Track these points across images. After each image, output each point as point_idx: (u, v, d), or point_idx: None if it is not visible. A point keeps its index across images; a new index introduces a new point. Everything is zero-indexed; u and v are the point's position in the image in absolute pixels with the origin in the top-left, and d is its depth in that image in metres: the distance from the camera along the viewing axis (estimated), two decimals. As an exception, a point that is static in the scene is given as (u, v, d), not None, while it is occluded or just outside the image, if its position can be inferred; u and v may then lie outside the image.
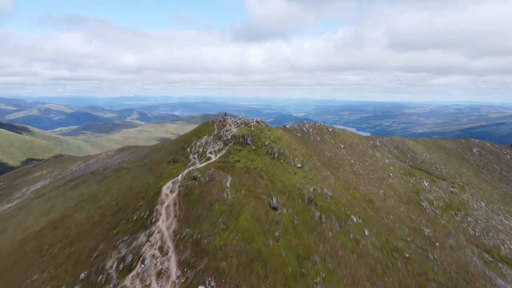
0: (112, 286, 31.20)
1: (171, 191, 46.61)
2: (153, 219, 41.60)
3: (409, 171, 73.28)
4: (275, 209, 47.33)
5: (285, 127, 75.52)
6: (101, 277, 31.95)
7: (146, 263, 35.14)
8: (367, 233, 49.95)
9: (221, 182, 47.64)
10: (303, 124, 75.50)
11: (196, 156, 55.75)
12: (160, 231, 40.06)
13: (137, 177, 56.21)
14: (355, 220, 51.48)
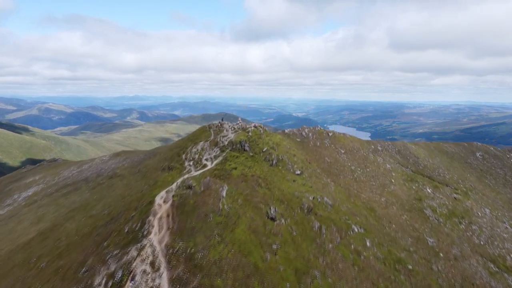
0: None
1: (164, 201, 44.91)
2: (145, 232, 39.88)
3: (412, 177, 71.60)
4: (273, 220, 45.67)
5: (284, 132, 73.85)
6: (87, 297, 30.27)
7: (136, 280, 33.42)
8: (368, 244, 48.28)
9: (217, 191, 45.92)
10: (303, 128, 73.82)
11: (191, 163, 54.07)
12: (152, 245, 38.31)
13: (131, 184, 54.55)
14: (356, 230, 49.83)
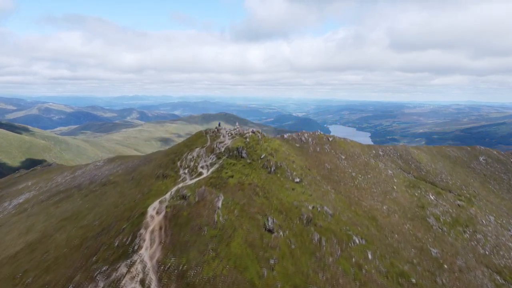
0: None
1: (157, 213, 43.09)
2: (136, 246, 38.04)
3: (414, 183, 69.84)
4: (270, 232, 43.87)
5: (282, 136, 72.04)
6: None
7: (124, 301, 31.55)
8: (370, 257, 46.46)
9: (212, 201, 44.11)
10: (302, 133, 72.01)
11: (186, 171, 52.27)
12: (142, 261, 36.48)
13: (124, 193, 52.76)
14: (357, 241, 48.00)
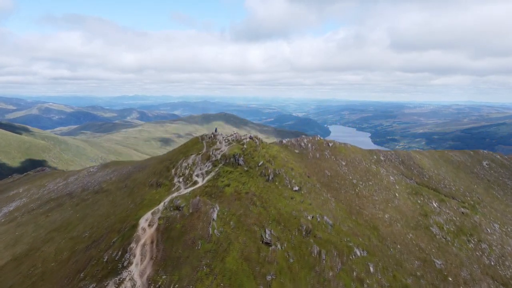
0: None
1: (149, 225, 41.20)
2: (126, 262, 36.12)
3: (416, 190, 68.00)
4: (268, 244, 42.04)
5: (281, 142, 70.17)
6: None
7: (111, 324, 29.61)
8: (372, 270, 44.63)
9: (207, 213, 42.19)
10: (301, 139, 70.17)
11: (181, 179, 50.42)
12: (132, 279, 34.58)
13: (116, 202, 50.92)
14: (358, 253, 46.16)
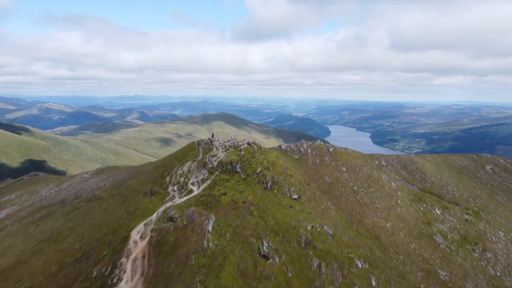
0: None
1: (141, 237, 39.45)
2: (115, 279, 34.37)
3: (419, 196, 66.19)
4: (265, 257, 40.29)
5: (280, 147, 68.33)
6: None
7: None
8: (374, 283, 42.85)
9: (202, 225, 40.43)
10: (301, 144, 68.33)
11: (176, 187, 48.65)
12: (121, 297, 32.74)
13: (109, 210, 49.14)
14: (360, 265, 44.37)
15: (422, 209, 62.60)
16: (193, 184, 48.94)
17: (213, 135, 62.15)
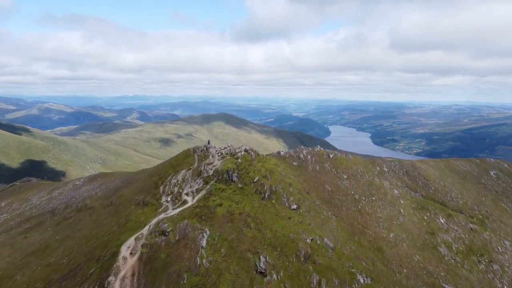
0: None
1: (131, 253, 37.32)
2: (102, 300, 32.13)
3: (422, 204, 64.15)
4: (262, 274, 38.25)
5: (279, 154, 66.22)
6: None
7: None
8: (377, 300, 40.65)
9: (195, 240, 38.34)
10: (300, 150, 66.24)
11: (169, 198, 46.61)
12: (107, 322, 30.64)
13: (99, 222, 47.09)
14: (362, 280, 42.34)
15: (425, 218, 60.59)
16: (187, 194, 46.89)
17: (209, 142, 60.03)
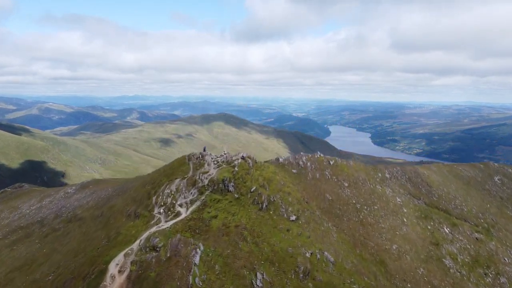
0: None
1: (119, 271, 35.16)
2: (85, 326, 29.90)
3: (426, 212, 62.04)
4: (259, 293, 35.93)
5: (278, 160, 64.03)
6: None
7: None
8: (380, 320, 38.46)
9: (188, 257, 36.10)
10: (300, 157, 64.08)
11: (162, 210, 44.46)
12: None
13: (89, 234, 44.96)
14: (364, 298, 39.98)
15: (429, 227, 58.47)
16: (181, 205, 44.72)
17: (205, 149, 57.83)
